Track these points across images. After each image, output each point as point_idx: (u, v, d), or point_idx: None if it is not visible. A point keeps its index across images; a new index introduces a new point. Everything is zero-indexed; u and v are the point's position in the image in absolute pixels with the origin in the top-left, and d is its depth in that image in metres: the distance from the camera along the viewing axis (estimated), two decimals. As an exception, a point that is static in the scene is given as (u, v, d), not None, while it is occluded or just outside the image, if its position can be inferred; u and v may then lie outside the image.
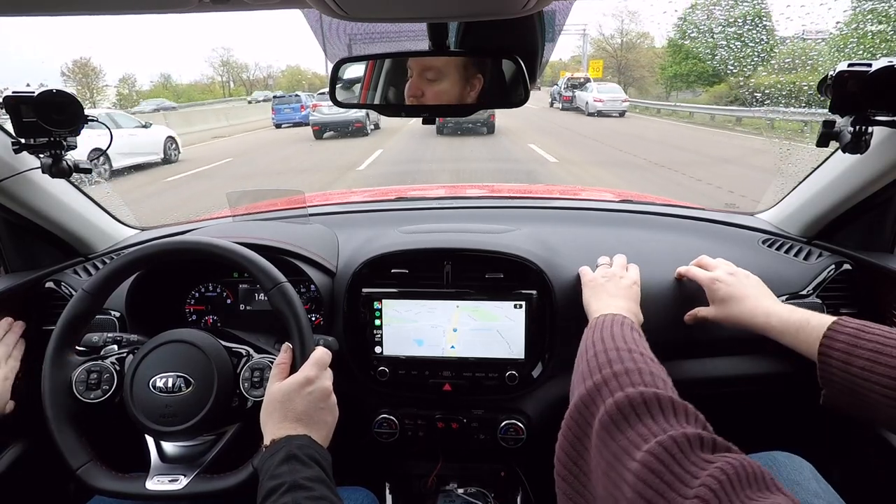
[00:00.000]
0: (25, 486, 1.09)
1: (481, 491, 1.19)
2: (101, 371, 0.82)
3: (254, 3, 0.58)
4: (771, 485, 0.42)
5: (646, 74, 38.66)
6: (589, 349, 0.68)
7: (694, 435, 0.47)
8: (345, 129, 15.09)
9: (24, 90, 0.91)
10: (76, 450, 0.78)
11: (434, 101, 0.83)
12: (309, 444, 0.67)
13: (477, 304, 1.02)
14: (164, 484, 0.76)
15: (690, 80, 26.62)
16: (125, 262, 0.85)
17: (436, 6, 0.60)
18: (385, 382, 1.04)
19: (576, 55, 56.23)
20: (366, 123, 15.27)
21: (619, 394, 0.55)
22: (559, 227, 1.24)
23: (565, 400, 1.08)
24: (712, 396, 1.30)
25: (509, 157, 10.56)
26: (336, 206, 1.48)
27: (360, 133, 15.24)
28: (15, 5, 0.60)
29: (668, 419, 0.51)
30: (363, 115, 14.60)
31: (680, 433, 0.47)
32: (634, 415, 0.52)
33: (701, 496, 0.40)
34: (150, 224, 1.46)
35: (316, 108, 15.09)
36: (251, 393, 0.82)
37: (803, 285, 1.06)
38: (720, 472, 0.42)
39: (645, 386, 0.57)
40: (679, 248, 1.17)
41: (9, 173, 1.02)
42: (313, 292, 1.09)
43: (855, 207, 1.05)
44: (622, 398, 0.54)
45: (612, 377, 0.59)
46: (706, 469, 0.43)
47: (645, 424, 0.51)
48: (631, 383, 0.57)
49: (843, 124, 0.88)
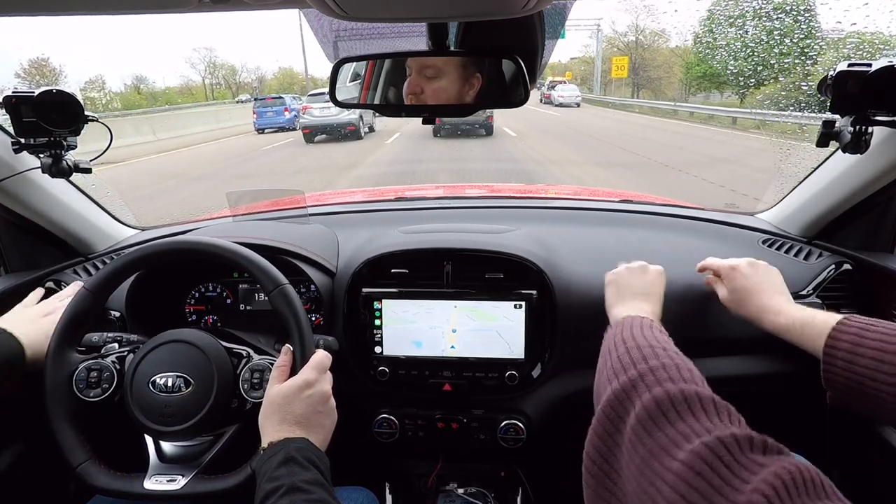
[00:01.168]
0: (25, 486, 1.09)
1: (481, 491, 1.19)
2: (102, 369, 0.82)
3: (254, 3, 0.58)
4: (831, 493, 0.39)
5: (662, 75, 34.79)
6: (618, 346, 0.66)
7: (744, 436, 0.44)
8: (337, 132, 14.17)
9: (24, 90, 0.91)
10: (75, 447, 0.78)
11: (433, 99, 0.83)
12: (307, 448, 0.67)
13: (476, 304, 1.02)
14: (163, 484, 0.76)
15: (720, 80, 23.69)
16: (126, 261, 0.85)
17: (436, 6, 0.60)
18: (385, 382, 1.04)
19: (576, 57, 55.27)
20: (359, 126, 14.42)
21: (658, 389, 0.52)
22: (559, 227, 1.24)
23: (565, 400, 1.09)
24: None
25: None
26: (336, 206, 1.48)
27: (354, 136, 14.30)
28: (15, 5, 0.60)
29: (710, 418, 0.48)
30: (356, 118, 13.87)
31: (728, 434, 0.44)
32: (675, 412, 0.49)
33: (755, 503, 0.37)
34: (150, 224, 1.46)
35: (306, 111, 14.11)
36: (250, 394, 0.82)
37: (803, 285, 1.06)
38: (775, 477, 0.39)
39: (685, 382, 0.54)
40: (679, 247, 1.17)
41: (9, 173, 1.02)
42: (313, 292, 1.09)
43: (855, 207, 1.05)
44: (661, 394, 0.51)
45: (648, 372, 0.56)
46: (759, 473, 0.40)
47: (687, 423, 0.48)
48: (669, 378, 0.54)
49: (843, 124, 0.88)
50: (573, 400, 1.09)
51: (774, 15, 11.04)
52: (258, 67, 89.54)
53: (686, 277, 1.09)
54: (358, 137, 14.38)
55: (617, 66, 32.13)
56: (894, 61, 0.79)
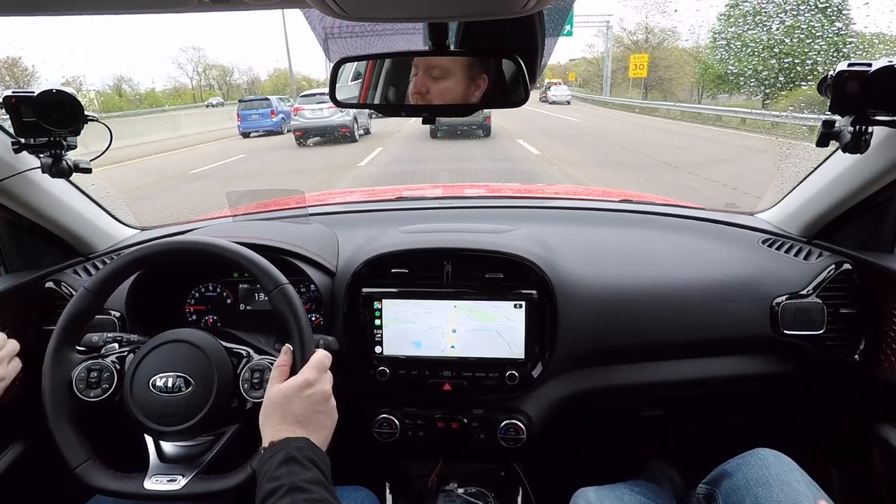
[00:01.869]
0: (25, 486, 1.09)
1: (481, 491, 1.19)
2: (102, 370, 0.82)
3: (254, 3, 0.58)
4: None
5: (673, 75, 31.85)
6: None
7: None
8: (330, 134, 13.38)
9: (24, 90, 0.91)
10: (75, 448, 0.78)
11: (438, 100, 0.83)
12: (308, 447, 0.67)
13: (476, 304, 1.02)
14: (163, 484, 0.76)
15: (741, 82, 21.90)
16: (126, 261, 0.85)
17: (436, 6, 0.60)
18: (385, 382, 1.04)
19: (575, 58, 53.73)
20: (353, 128, 13.56)
21: None
22: (559, 227, 1.24)
23: (565, 400, 1.09)
24: (712, 396, 1.30)
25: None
26: (336, 206, 1.48)
27: (348, 139, 13.49)
28: (15, 5, 0.60)
29: None
30: (350, 120, 13.17)
31: None
32: None
33: None
34: (150, 224, 1.46)
35: (298, 112, 13.18)
36: (251, 394, 0.82)
37: (803, 285, 1.06)
38: None
39: None
40: (679, 247, 1.18)
41: (9, 173, 1.02)
42: (313, 292, 1.09)
43: (855, 207, 1.05)
44: None
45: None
46: None
47: None
48: None
49: (843, 124, 0.88)
50: (573, 400, 1.09)
51: (805, 12, 10.26)
52: (251, 68, 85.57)
53: (686, 277, 1.09)
54: (353, 140, 13.65)
55: (636, 64, 28.29)
56: (894, 61, 0.79)
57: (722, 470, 0.89)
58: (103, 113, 32.96)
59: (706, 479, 0.92)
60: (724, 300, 1.06)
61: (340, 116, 12.93)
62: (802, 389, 1.17)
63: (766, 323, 1.05)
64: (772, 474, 0.81)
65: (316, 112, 13.02)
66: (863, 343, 1.04)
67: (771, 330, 1.04)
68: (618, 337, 1.06)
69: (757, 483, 0.80)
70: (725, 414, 1.38)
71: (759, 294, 1.06)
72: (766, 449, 0.87)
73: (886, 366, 1.00)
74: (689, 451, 1.28)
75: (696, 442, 1.40)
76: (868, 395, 1.08)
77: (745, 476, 0.83)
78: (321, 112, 12.96)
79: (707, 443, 1.31)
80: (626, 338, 1.06)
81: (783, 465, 0.83)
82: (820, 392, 1.18)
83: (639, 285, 1.07)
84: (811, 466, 0.84)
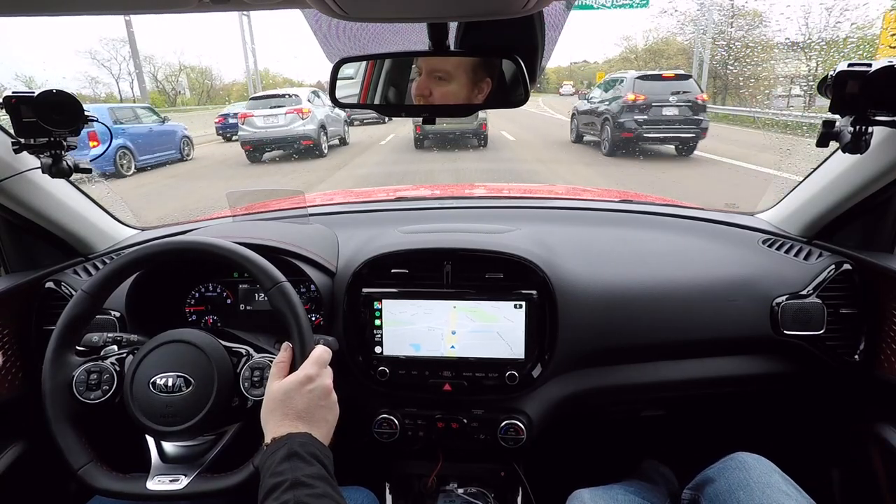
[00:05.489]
0: (25, 486, 1.09)
1: (481, 491, 1.19)
2: (102, 371, 0.82)
3: (254, 3, 0.58)
4: None
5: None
6: None
7: None
8: (290, 146, 10.47)
9: (24, 90, 0.91)
10: (77, 450, 0.78)
11: (440, 102, 0.83)
12: (310, 442, 0.67)
13: (476, 304, 1.02)
14: (165, 484, 0.76)
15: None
16: (125, 262, 0.85)
17: (436, 6, 0.60)
18: (385, 382, 1.04)
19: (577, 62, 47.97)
20: (319, 140, 10.53)
21: None
22: (559, 227, 1.24)
23: (565, 400, 1.09)
24: (712, 396, 1.30)
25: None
26: (336, 206, 1.48)
27: (312, 153, 10.58)
28: (15, 5, 0.60)
29: None
30: (314, 129, 10.36)
31: None
32: None
33: None
34: (150, 224, 1.46)
35: (245, 120, 10.30)
36: (251, 392, 0.82)
37: (803, 285, 1.06)
38: None
39: None
40: (679, 248, 1.18)
41: (9, 173, 1.02)
42: (313, 292, 1.09)
43: (855, 207, 1.05)
44: None
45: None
46: None
47: None
48: None
49: (843, 124, 0.88)
50: (573, 400, 1.09)
51: None
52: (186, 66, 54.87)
53: (686, 277, 1.09)
54: (319, 155, 10.63)
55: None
56: (894, 61, 0.79)
57: (705, 476, 0.91)
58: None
59: (690, 485, 0.94)
60: (724, 300, 1.06)
61: (301, 125, 10.23)
62: (802, 390, 1.17)
63: (766, 323, 1.05)
64: (752, 477, 0.83)
65: (269, 119, 10.22)
66: (863, 343, 1.04)
67: (771, 330, 1.05)
68: (618, 337, 1.06)
69: (739, 486, 0.82)
70: (725, 414, 1.38)
71: (759, 294, 1.06)
72: (746, 453, 0.89)
73: (886, 366, 1.01)
74: (688, 450, 1.29)
75: (695, 441, 1.40)
76: (868, 395, 1.08)
77: (727, 481, 0.85)
78: (276, 119, 10.22)
79: (705, 442, 1.31)
80: (626, 338, 1.06)
81: (763, 467, 0.85)
82: (820, 392, 1.18)
83: (639, 285, 1.07)
84: (810, 466, 0.84)
